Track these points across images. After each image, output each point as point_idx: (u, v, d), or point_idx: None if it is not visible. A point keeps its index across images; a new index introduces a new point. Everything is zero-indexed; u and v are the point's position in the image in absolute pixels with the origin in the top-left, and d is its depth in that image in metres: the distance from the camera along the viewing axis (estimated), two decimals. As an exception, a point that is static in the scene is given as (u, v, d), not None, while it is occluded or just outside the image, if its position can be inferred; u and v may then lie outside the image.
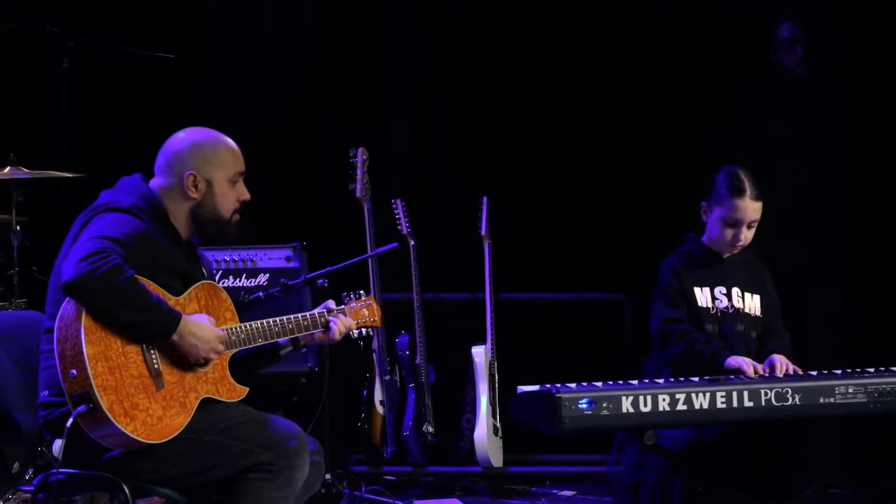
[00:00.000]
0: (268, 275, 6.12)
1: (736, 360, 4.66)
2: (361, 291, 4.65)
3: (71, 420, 3.93)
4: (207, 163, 4.36)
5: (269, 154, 7.48)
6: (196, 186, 4.34)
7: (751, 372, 4.62)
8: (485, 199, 6.83)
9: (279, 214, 7.30)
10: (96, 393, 3.94)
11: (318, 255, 6.18)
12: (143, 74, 7.04)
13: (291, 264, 6.19)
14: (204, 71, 7.55)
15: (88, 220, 4.26)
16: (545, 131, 7.58)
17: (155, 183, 4.37)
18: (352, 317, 4.56)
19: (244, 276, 6.19)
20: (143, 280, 4.09)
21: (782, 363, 4.73)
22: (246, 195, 4.44)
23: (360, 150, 6.51)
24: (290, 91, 7.54)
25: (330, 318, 4.48)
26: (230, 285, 6.14)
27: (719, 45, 7.15)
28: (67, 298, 4.00)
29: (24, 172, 6.13)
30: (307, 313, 4.45)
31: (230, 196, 4.41)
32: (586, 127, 7.48)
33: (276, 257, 6.24)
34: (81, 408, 3.92)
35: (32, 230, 6.54)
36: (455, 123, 7.71)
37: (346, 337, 4.53)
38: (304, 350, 4.94)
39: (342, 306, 4.55)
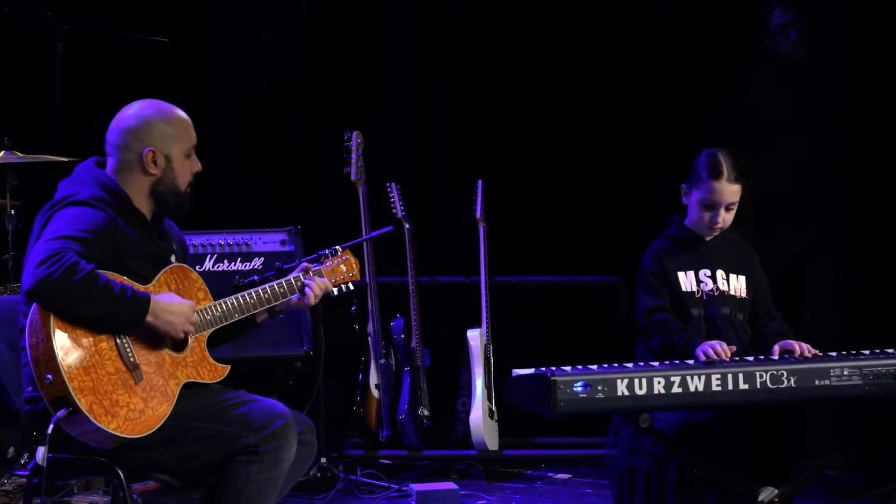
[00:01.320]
0: (263, 259, 6.11)
1: (704, 349, 4.66)
2: (337, 247, 4.59)
3: (52, 426, 3.89)
4: (165, 138, 4.29)
5: (265, 138, 7.48)
6: (155, 162, 4.28)
7: (723, 356, 4.62)
8: (480, 183, 6.82)
9: (274, 198, 7.30)
10: (74, 396, 3.89)
11: (313, 239, 6.17)
12: (138, 58, 7.02)
13: (286, 248, 6.18)
14: (201, 54, 7.54)
15: (48, 218, 4.20)
16: (540, 115, 7.56)
17: (111, 163, 4.30)
18: (329, 275, 4.50)
19: (239, 260, 6.17)
20: (107, 272, 4.05)
21: (802, 348, 4.73)
22: (198, 166, 4.38)
23: (355, 133, 6.48)
24: (286, 74, 7.52)
25: (306, 280, 4.43)
26: (224, 269, 6.13)
27: (714, 27, 7.15)
28: (34, 304, 3.97)
29: (19, 157, 6.11)
30: (282, 280, 4.41)
31: (186, 170, 4.35)
32: (581, 111, 7.46)
33: (270, 241, 6.22)
34: (61, 412, 3.88)
35: (28, 215, 6.53)
36: (451, 108, 7.70)
37: (327, 296, 4.48)
38: (301, 335, 4.97)
39: (318, 266, 4.50)
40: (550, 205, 7.43)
